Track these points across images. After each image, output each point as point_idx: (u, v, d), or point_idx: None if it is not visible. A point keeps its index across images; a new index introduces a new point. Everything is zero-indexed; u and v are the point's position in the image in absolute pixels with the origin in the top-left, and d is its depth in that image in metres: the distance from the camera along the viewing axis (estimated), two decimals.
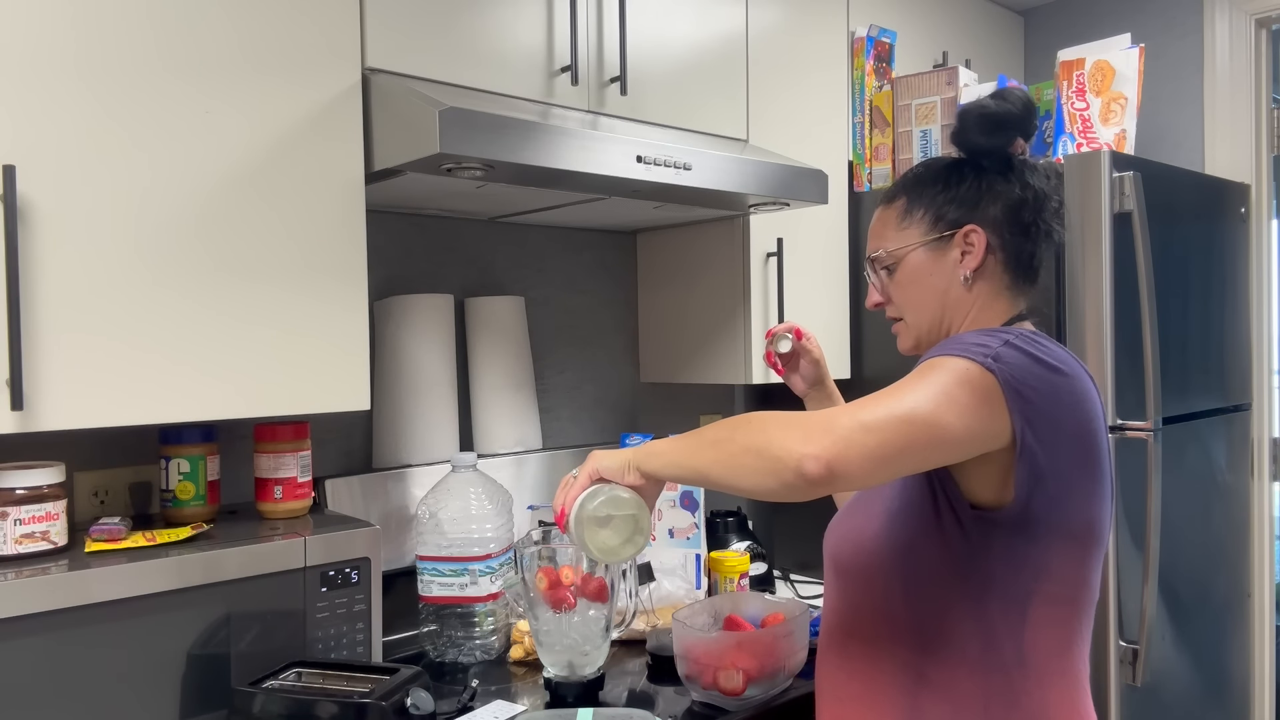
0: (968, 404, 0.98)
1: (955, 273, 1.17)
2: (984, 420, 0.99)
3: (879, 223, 1.24)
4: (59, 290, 1.15)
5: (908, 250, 1.19)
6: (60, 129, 1.15)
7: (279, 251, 1.33)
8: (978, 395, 0.99)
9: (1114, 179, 1.91)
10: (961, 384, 0.99)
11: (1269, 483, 2.53)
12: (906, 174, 1.25)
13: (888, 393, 0.99)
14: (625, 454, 1.08)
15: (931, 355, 1.05)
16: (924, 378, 1.00)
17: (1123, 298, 1.91)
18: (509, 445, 1.92)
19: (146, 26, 1.21)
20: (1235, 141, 2.52)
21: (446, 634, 1.61)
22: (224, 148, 1.28)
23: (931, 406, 0.96)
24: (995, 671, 1.06)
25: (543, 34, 1.61)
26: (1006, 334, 1.05)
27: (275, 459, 1.46)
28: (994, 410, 0.99)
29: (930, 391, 0.98)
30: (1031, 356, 1.02)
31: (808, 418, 0.96)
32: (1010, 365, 1.01)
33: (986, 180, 1.18)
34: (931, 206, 1.18)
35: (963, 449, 0.99)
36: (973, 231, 1.16)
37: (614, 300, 2.23)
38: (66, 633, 1.13)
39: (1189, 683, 2.18)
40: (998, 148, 1.18)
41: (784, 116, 2.05)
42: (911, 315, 1.21)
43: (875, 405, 0.96)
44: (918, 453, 0.96)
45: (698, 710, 1.41)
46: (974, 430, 0.98)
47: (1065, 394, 1.04)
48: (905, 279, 1.20)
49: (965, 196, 1.17)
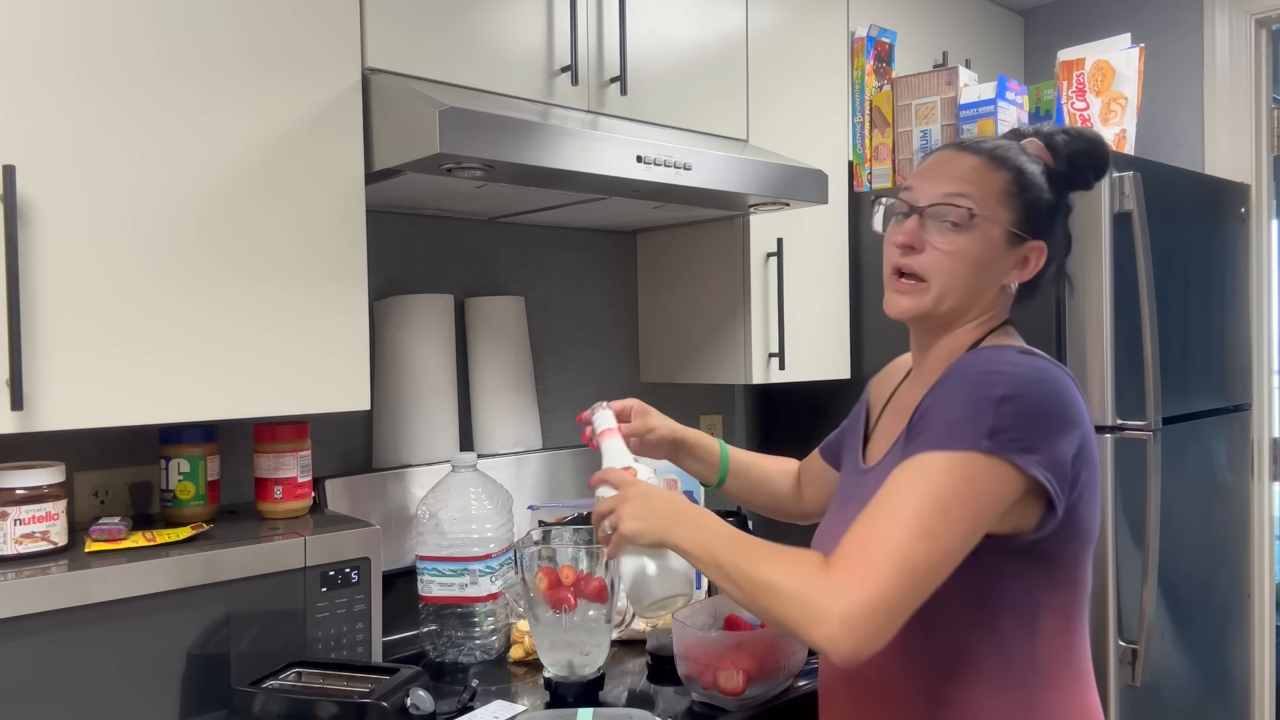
0: (970, 506, 0.95)
1: (1005, 276, 1.12)
2: (996, 501, 0.96)
3: (971, 171, 1.10)
4: (59, 290, 1.15)
5: (993, 225, 1.09)
6: (60, 129, 1.15)
7: (279, 252, 1.33)
8: (978, 488, 0.95)
9: (1114, 179, 1.91)
10: (956, 491, 0.94)
11: (1269, 483, 2.53)
12: (1014, 147, 1.14)
13: (878, 538, 0.93)
14: (656, 519, 1.07)
15: (914, 444, 0.99)
16: (912, 500, 0.94)
17: (1123, 298, 1.91)
18: (509, 445, 1.92)
19: (145, 26, 1.21)
20: (1235, 141, 2.52)
21: (446, 634, 1.61)
22: (223, 148, 1.28)
23: (927, 546, 0.92)
24: (1011, 684, 1.05)
25: (543, 34, 1.61)
26: (997, 383, 0.98)
27: (275, 459, 1.46)
28: (1005, 482, 0.96)
29: (921, 522, 0.93)
30: (1031, 398, 0.98)
31: (812, 590, 0.93)
32: (1010, 428, 0.96)
33: (1065, 212, 1.15)
34: (1032, 203, 1.10)
35: (983, 532, 0.97)
36: (1038, 251, 1.12)
37: (614, 300, 2.23)
38: (66, 633, 1.13)
39: (1189, 682, 2.18)
40: (1090, 185, 1.16)
41: (784, 116, 2.05)
42: (946, 287, 1.09)
43: (870, 573, 0.91)
44: (938, 579, 0.94)
45: (698, 710, 1.41)
46: (988, 517, 0.96)
47: (1068, 414, 1.01)
48: (971, 251, 1.08)
49: (1053, 215, 1.13)
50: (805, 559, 0.97)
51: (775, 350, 2.02)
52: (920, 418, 1.03)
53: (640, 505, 1.10)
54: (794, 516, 1.51)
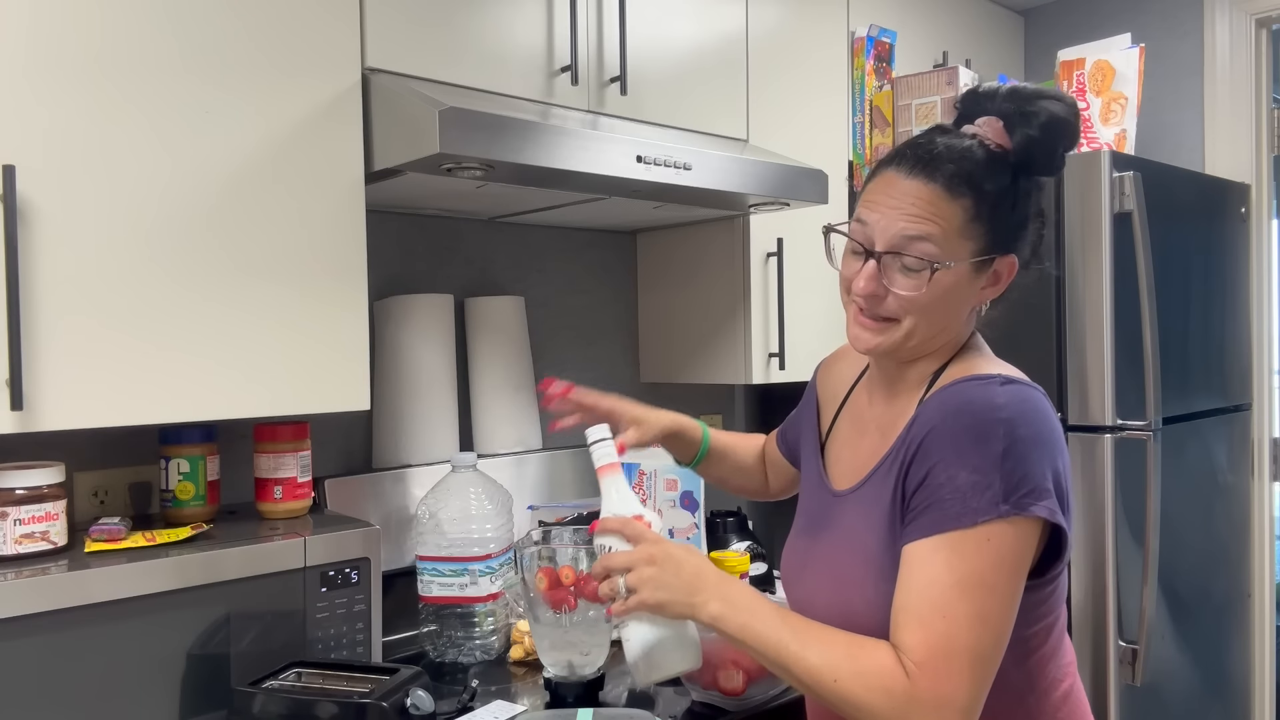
0: (1010, 572, 0.94)
1: (977, 297, 1.06)
2: (1028, 556, 0.96)
3: (929, 206, 1.00)
4: (58, 290, 1.15)
5: (960, 265, 1.01)
6: (59, 130, 1.15)
7: (279, 252, 1.33)
8: (1011, 552, 0.94)
9: (1114, 179, 1.91)
10: (994, 565, 0.93)
11: (1269, 483, 2.53)
12: (969, 163, 1.01)
13: (944, 640, 0.91)
14: (688, 592, 1.01)
15: (929, 520, 0.96)
16: (956, 590, 0.92)
17: (1123, 298, 1.91)
18: (509, 445, 1.92)
19: (145, 27, 1.21)
20: (1235, 141, 2.52)
21: (446, 634, 1.61)
22: (223, 148, 1.28)
23: (988, 631, 0.93)
24: (1012, 704, 1.03)
25: (543, 34, 1.61)
26: (994, 435, 0.94)
27: (275, 459, 1.46)
28: (1031, 536, 0.95)
29: (974, 608, 0.92)
30: (1028, 441, 0.95)
31: (907, 712, 0.91)
32: (1020, 482, 0.94)
33: (1035, 205, 1.06)
34: (996, 224, 1.02)
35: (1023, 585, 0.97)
36: (1013, 265, 1.05)
37: (614, 300, 2.23)
38: (66, 633, 1.13)
39: (1189, 682, 2.18)
40: (1058, 170, 1.06)
41: (784, 116, 2.05)
42: (916, 326, 1.03)
43: (954, 683, 0.91)
44: (1003, 650, 0.94)
45: (698, 710, 1.41)
46: (1025, 571, 0.96)
47: (1055, 437, 0.99)
48: (938, 291, 1.01)
49: (1022, 222, 1.05)
50: (884, 668, 0.93)
51: (775, 350, 2.02)
52: (923, 484, 0.97)
53: (669, 573, 1.02)
54: (761, 497, 1.50)
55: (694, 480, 1.84)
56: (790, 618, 1.00)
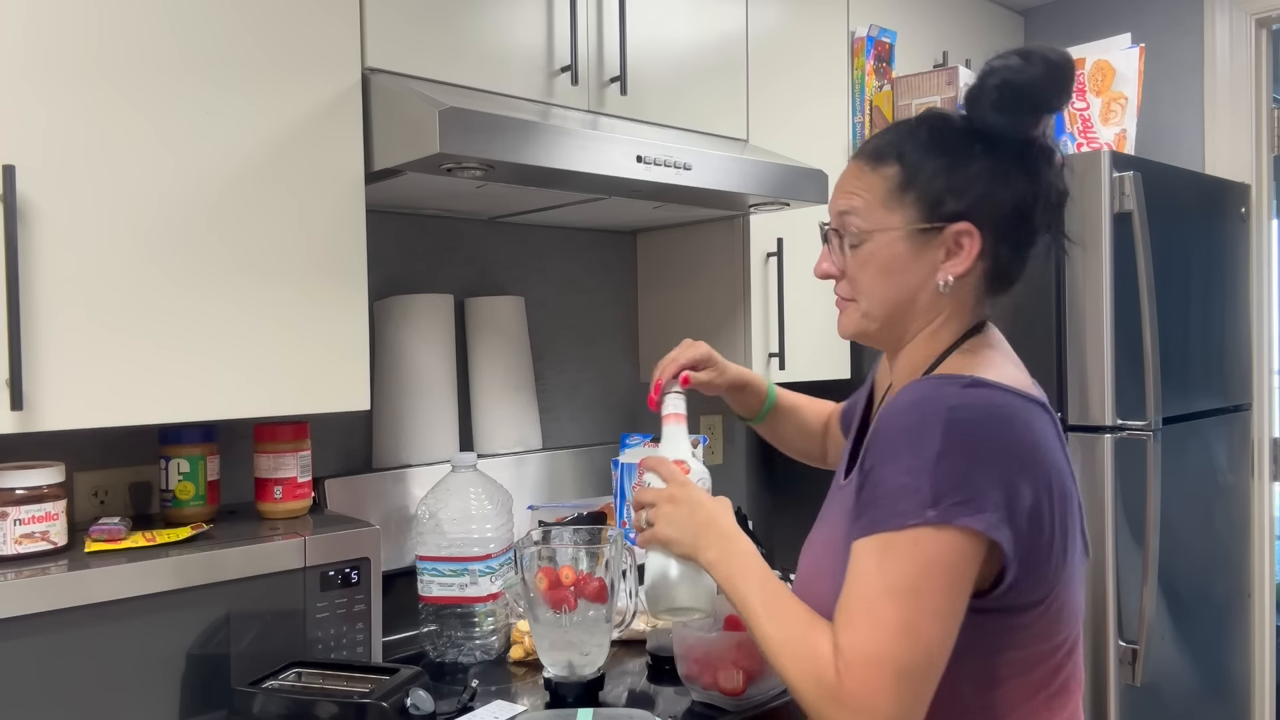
0: (941, 584, 0.88)
1: (934, 274, 1.00)
2: (962, 571, 0.89)
3: (854, 180, 1.02)
4: (58, 291, 1.15)
5: (888, 235, 0.99)
6: (59, 130, 1.15)
7: (279, 252, 1.33)
8: (940, 563, 0.88)
9: (1114, 179, 1.91)
10: (923, 573, 0.87)
11: (1269, 483, 2.53)
12: (903, 126, 1.02)
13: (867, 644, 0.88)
14: (694, 534, 1.04)
15: (864, 519, 0.92)
16: (884, 594, 0.88)
17: (1123, 298, 1.91)
18: (509, 445, 1.92)
19: (145, 27, 1.21)
20: (1235, 141, 2.52)
21: (446, 634, 1.61)
22: (223, 148, 1.28)
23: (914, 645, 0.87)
24: None
25: (543, 34, 1.61)
26: (930, 437, 0.89)
27: (275, 459, 1.46)
28: (964, 550, 0.88)
29: (901, 617, 0.87)
30: (971, 447, 0.89)
31: (825, 705, 0.89)
32: (952, 489, 0.87)
33: (1000, 168, 0.98)
34: (930, 190, 0.98)
35: (966, 600, 0.90)
36: (966, 234, 0.98)
37: (614, 300, 2.23)
38: (66, 633, 1.13)
39: (1189, 683, 2.18)
40: (1015, 128, 0.97)
41: (784, 116, 2.05)
42: (868, 304, 1.03)
43: (873, 693, 0.87)
44: (940, 664, 0.89)
45: (698, 710, 1.41)
46: (963, 588, 0.89)
47: (1020, 452, 0.90)
48: (874, 264, 1.01)
49: (970, 185, 0.97)
50: (820, 652, 0.91)
51: (775, 350, 2.02)
52: (866, 478, 0.95)
53: (683, 513, 1.06)
54: (820, 464, 1.49)
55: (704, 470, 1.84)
56: (770, 585, 1.00)
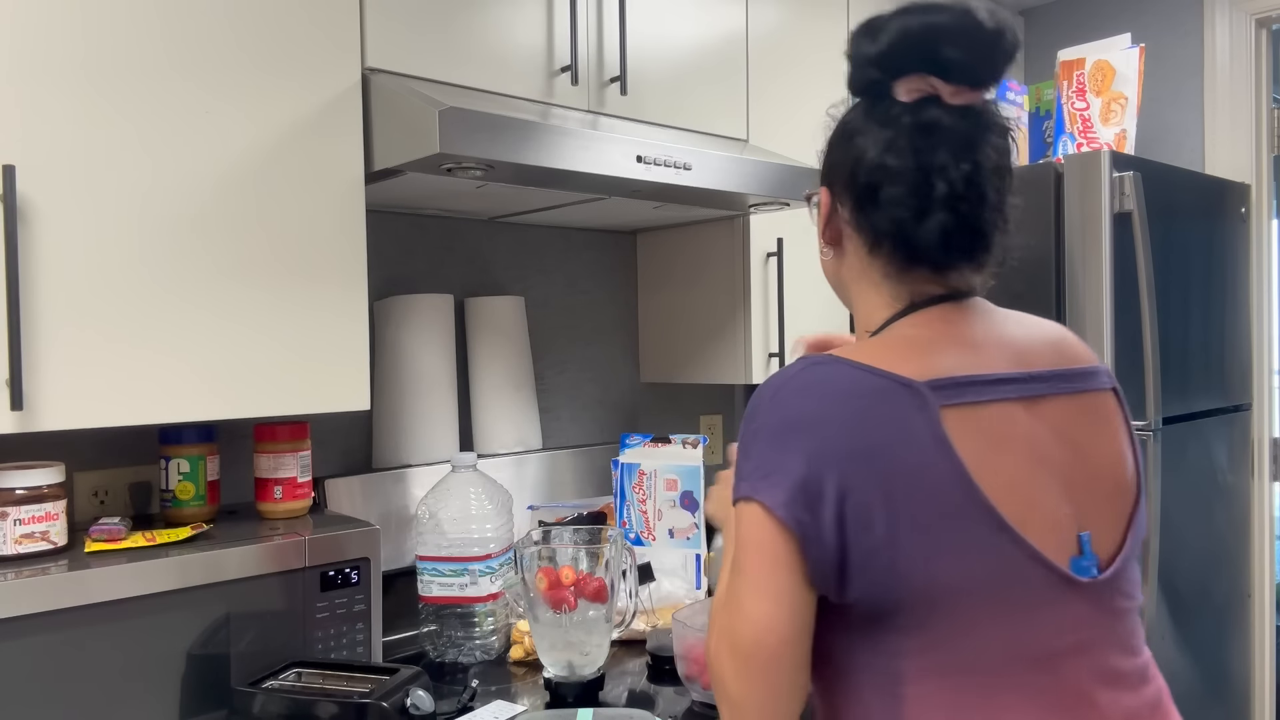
0: (757, 562, 0.84)
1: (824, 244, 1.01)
2: (771, 552, 0.84)
3: None
4: (59, 290, 1.15)
5: (810, 200, 1.03)
6: (60, 129, 1.15)
7: (279, 251, 1.33)
8: (752, 540, 0.85)
9: (1114, 179, 1.91)
10: (743, 549, 0.85)
11: (1269, 483, 2.53)
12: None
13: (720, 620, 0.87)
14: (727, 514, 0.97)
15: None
16: (726, 567, 0.89)
17: (1123, 298, 1.91)
18: (509, 445, 1.92)
19: (146, 26, 1.21)
20: (1235, 141, 2.52)
21: (446, 634, 1.61)
22: (224, 147, 1.28)
23: (745, 625, 0.84)
24: None
25: (543, 34, 1.61)
26: (755, 413, 0.88)
27: (275, 459, 1.46)
28: (765, 527, 0.85)
29: (733, 594, 0.86)
30: (778, 420, 0.85)
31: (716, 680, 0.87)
32: (754, 459, 0.86)
33: (851, 127, 0.95)
34: (824, 161, 1.00)
35: (800, 587, 0.84)
36: (824, 196, 0.99)
37: (614, 300, 2.23)
38: (66, 633, 1.13)
39: (1189, 682, 2.18)
40: (872, 86, 0.93)
41: (784, 116, 2.05)
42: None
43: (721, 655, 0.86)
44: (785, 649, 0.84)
45: (698, 710, 1.41)
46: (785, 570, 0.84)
47: (813, 430, 0.84)
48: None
49: (830, 151, 0.98)
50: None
51: (775, 350, 2.02)
52: None
53: (726, 494, 1.04)
54: None
55: (694, 480, 1.84)
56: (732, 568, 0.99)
